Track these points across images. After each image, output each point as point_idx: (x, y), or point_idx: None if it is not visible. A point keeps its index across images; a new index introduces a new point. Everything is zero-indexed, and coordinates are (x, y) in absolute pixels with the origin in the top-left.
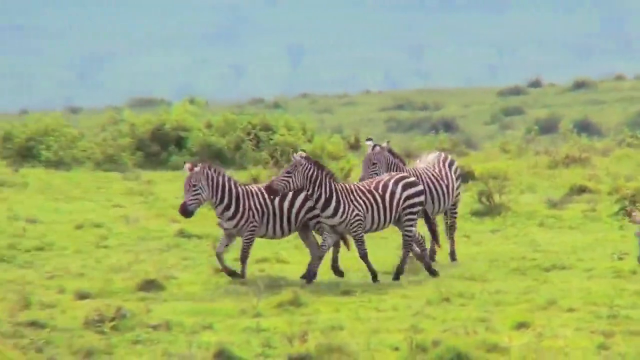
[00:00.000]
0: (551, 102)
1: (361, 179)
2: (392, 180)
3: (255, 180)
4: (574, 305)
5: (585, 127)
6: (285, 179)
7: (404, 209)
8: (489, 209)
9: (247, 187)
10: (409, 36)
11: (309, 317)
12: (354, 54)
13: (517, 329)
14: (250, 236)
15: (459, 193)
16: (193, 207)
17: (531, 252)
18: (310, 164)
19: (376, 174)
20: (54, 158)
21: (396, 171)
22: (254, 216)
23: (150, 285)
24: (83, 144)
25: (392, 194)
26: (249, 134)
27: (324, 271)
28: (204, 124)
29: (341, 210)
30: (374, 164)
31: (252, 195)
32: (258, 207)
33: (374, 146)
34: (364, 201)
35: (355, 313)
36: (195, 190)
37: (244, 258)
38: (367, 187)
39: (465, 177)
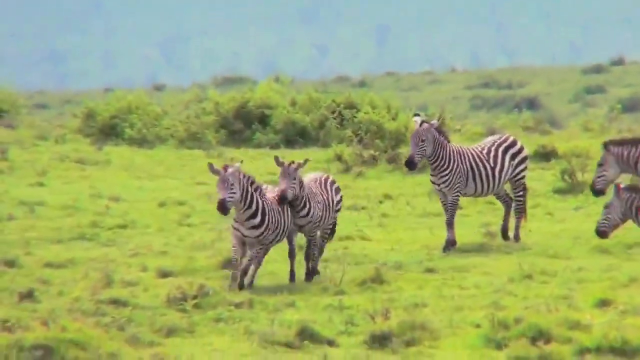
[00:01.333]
0: (634, 81)
1: (410, 157)
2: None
3: (339, 158)
4: None
5: None
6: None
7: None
8: (571, 187)
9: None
10: (494, 14)
11: (392, 294)
12: (440, 33)
13: (599, 306)
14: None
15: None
16: (230, 204)
17: None
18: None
19: (425, 151)
20: (137, 136)
21: (441, 149)
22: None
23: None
24: (166, 121)
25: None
26: (333, 112)
27: (407, 250)
28: (289, 102)
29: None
30: (422, 140)
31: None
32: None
33: (422, 122)
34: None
35: (437, 290)
36: (232, 189)
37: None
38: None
39: (548, 155)
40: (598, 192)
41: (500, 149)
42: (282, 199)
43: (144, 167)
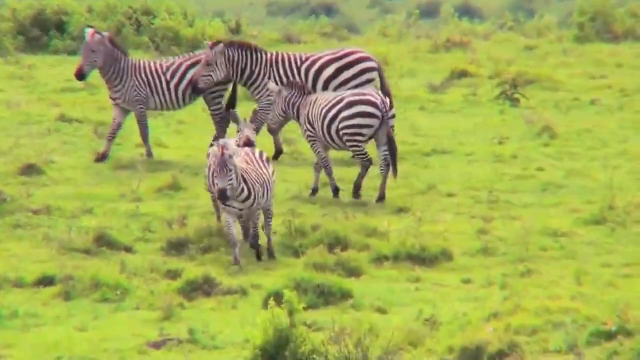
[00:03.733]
0: None
1: (80, 68)
2: None
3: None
4: (454, 190)
5: (466, 11)
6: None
7: None
8: None
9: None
10: None
11: (189, 201)
12: None
13: (396, 213)
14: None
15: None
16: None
17: (411, 136)
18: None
19: (95, 62)
20: None
21: (114, 62)
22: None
23: (30, 170)
24: None
25: None
26: (129, 18)
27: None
28: (85, 9)
29: None
30: (92, 51)
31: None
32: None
33: (94, 33)
34: None
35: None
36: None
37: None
38: None
39: None
40: (200, 91)
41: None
42: (223, 198)
43: None
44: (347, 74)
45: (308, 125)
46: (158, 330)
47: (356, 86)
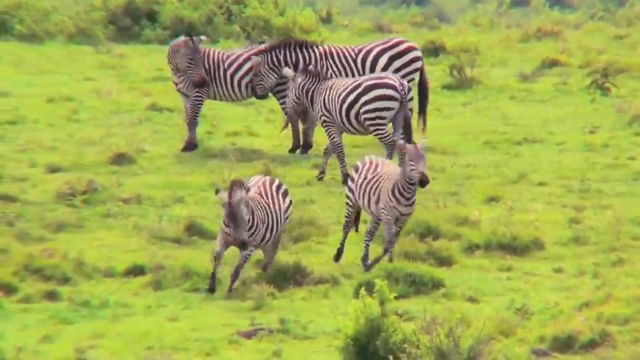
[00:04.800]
0: None
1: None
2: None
3: None
4: (545, 179)
5: (557, 1)
6: None
7: None
8: (460, 83)
9: None
10: None
11: None
12: None
13: (487, 202)
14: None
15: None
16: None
17: (502, 125)
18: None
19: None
20: (27, 32)
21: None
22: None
23: (121, 159)
24: (55, 17)
25: None
26: (220, 7)
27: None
28: None
29: None
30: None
31: None
32: None
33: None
34: None
35: (326, 187)
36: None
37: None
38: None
39: (437, 50)
40: (260, 97)
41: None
42: (244, 248)
43: (34, 62)
44: (398, 63)
45: (325, 111)
46: (249, 320)
47: (406, 74)
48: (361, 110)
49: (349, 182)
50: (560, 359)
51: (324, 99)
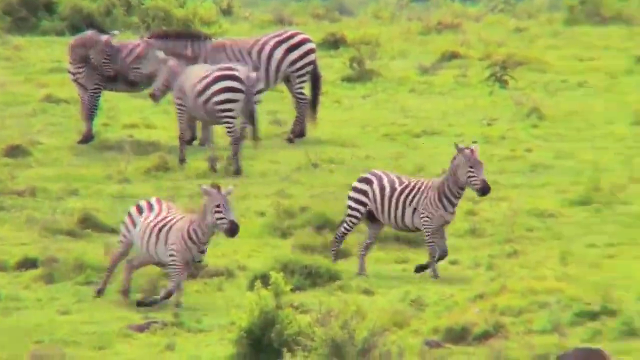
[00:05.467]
0: None
1: None
2: None
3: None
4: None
5: None
6: None
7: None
8: (360, 75)
9: None
10: None
11: (177, 182)
12: None
13: None
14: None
15: None
16: None
17: (402, 117)
18: None
19: None
20: None
21: None
22: None
23: (15, 151)
24: None
25: None
26: None
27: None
28: None
29: None
30: None
31: None
32: None
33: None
34: None
35: (223, 179)
36: None
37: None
38: None
39: (337, 43)
40: (132, 84)
41: None
42: (236, 231)
43: None
44: (293, 55)
45: (180, 94)
46: (142, 313)
47: (301, 67)
48: (209, 100)
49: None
50: (454, 350)
51: (180, 84)
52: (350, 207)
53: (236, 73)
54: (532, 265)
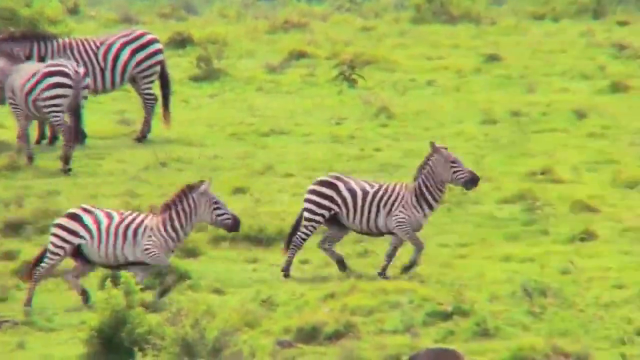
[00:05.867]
0: None
1: None
2: None
3: None
4: (291, 171)
5: None
6: None
7: None
8: (207, 74)
9: None
10: None
11: (26, 182)
12: None
13: (234, 193)
14: None
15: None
16: None
17: (249, 116)
18: None
19: None
20: None
21: None
22: None
23: None
24: None
25: None
26: None
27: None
28: None
29: None
30: None
31: None
32: None
33: None
34: None
35: (72, 179)
36: None
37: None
38: None
39: (184, 42)
40: None
41: None
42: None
43: None
44: (140, 55)
45: (11, 94)
46: None
47: (148, 67)
48: (38, 97)
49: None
50: (305, 350)
51: (11, 83)
52: (311, 211)
53: (64, 69)
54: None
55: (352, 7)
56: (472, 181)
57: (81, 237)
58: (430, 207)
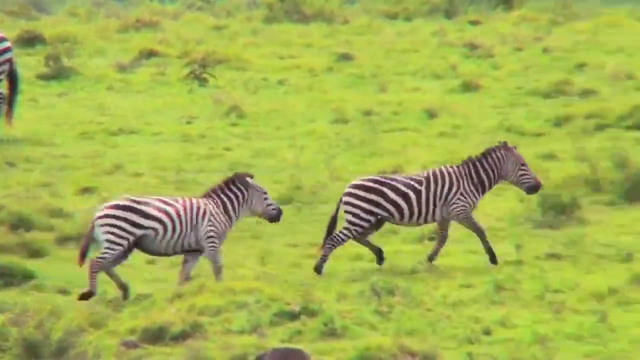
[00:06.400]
0: None
1: None
2: None
3: None
4: (141, 170)
5: None
6: None
7: None
8: (57, 73)
9: None
10: None
11: None
12: None
13: (82, 193)
14: None
15: None
16: None
17: (99, 115)
18: None
19: None
20: None
21: None
22: None
23: None
24: None
25: None
26: None
27: None
28: None
29: None
30: None
31: None
32: None
33: None
34: None
35: None
36: None
37: None
38: None
39: (33, 40)
40: None
41: None
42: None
43: None
44: None
45: None
46: None
47: None
48: None
49: None
50: (151, 350)
51: None
52: (357, 216)
53: None
54: (231, 264)
55: (204, 6)
56: (535, 187)
57: (146, 228)
58: (484, 192)
